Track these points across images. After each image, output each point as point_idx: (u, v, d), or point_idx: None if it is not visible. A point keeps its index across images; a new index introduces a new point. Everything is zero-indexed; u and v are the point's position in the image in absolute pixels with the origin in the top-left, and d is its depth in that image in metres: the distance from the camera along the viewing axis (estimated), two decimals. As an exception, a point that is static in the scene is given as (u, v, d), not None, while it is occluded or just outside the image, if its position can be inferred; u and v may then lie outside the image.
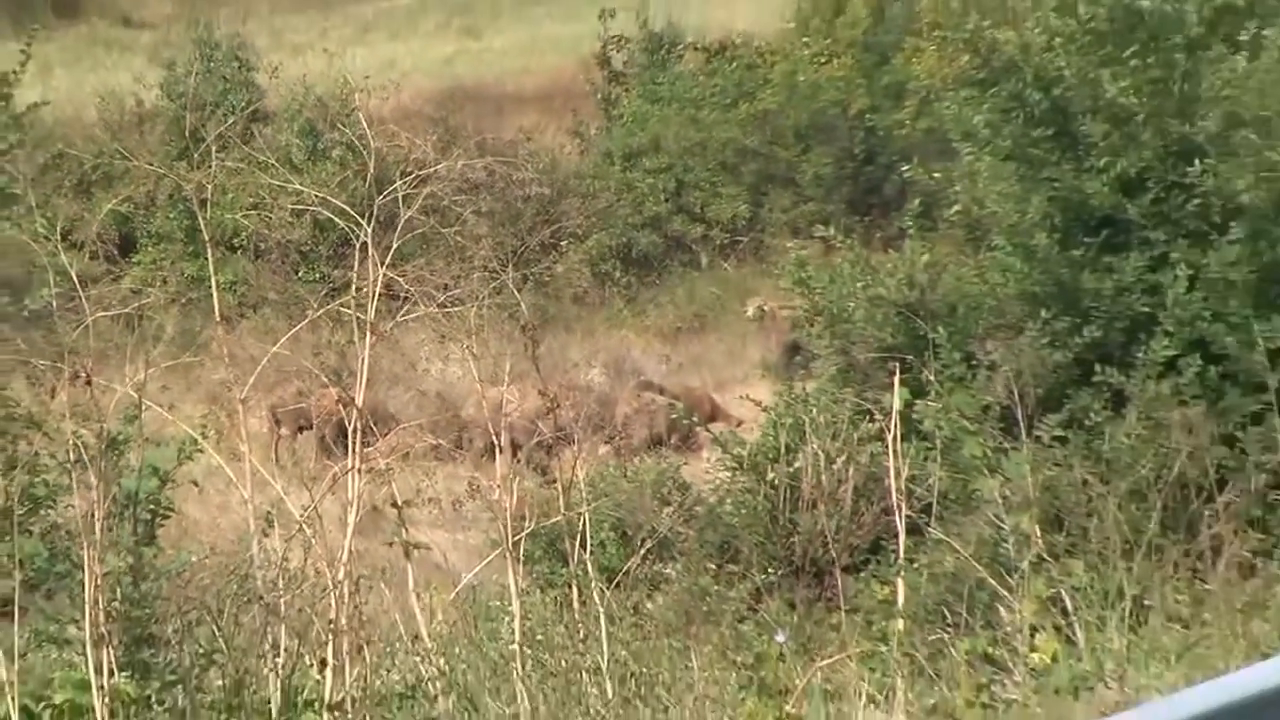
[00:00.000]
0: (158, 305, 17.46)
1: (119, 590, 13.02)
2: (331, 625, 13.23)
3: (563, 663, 13.92)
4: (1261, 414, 22.43)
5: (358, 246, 14.05)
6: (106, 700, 12.47)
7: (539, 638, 14.18)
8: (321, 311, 14.77)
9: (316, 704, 12.99)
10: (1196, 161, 25.61)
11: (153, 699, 12.82)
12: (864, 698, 15.08)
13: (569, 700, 13.70)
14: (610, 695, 13.68)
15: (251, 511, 14.19)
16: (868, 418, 22.90)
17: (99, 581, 12.79)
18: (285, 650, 13.11)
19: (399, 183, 14.48)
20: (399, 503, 14.22)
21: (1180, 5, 26.27)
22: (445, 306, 16.10)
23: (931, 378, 24.17)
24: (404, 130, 19.67)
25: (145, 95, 42.99)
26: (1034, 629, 16.13)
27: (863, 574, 20.12)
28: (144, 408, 14.48)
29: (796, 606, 20.33)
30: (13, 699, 12.56)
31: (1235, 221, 25.37)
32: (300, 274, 34.97)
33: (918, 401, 22.92)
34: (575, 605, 14.30)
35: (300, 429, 33.80)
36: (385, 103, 32.73)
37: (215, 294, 15.40)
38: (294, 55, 43.93)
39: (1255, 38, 26.12)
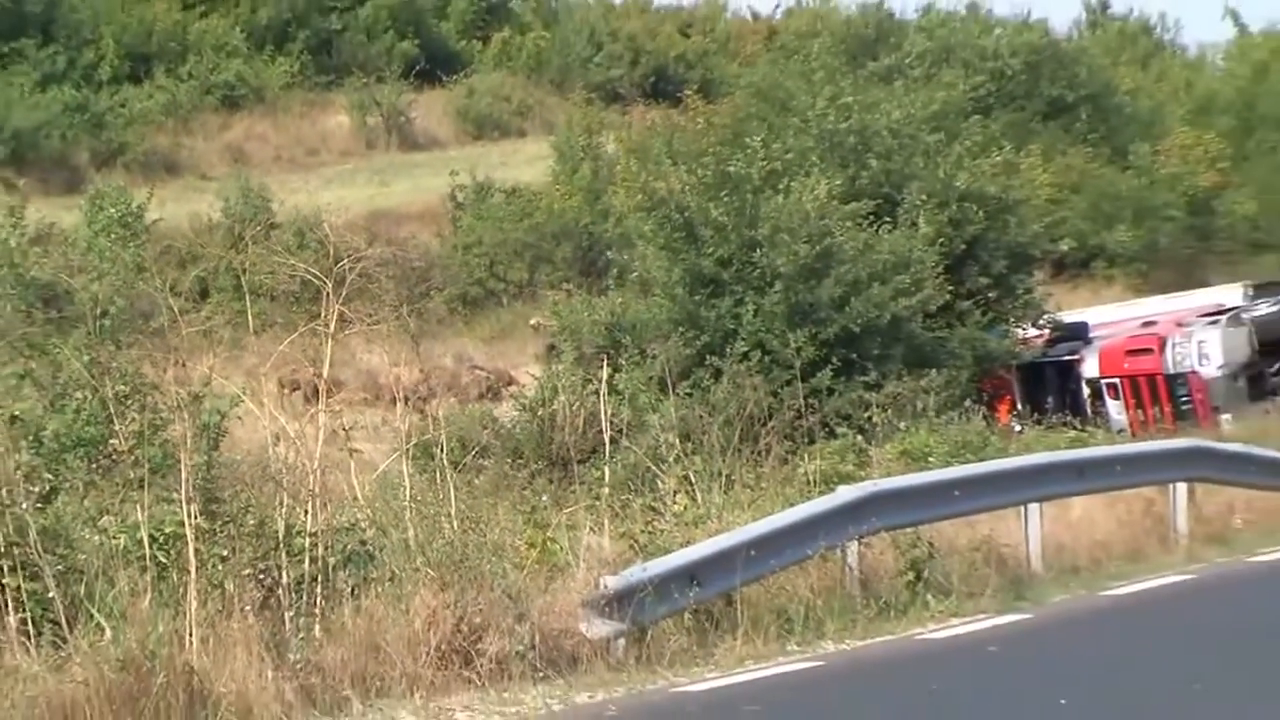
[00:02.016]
0: (219, 325, 17.22)
1: (199, 474, 12.88)
2: (311, 492, 13.12)
3: (431, 511, 13.83)
4: (790, 380, 22.54)
5: (325, 294, 13.92)
6: (192, 531, 12.36)
7: (419, 499, 14.06)
8: (306, 328, 14.62)
9: (302, 533, 12.88)
10: (758, 250, 25.75)
11: (216, 531, 12.68)
12: (587, 529, 15.03)
13: (434, 530, 13.60)
14: (455, 528, 13.61)
15: (268, 433, 14.08)
16: (590, 384, 22.83)
17: (189, 470, 12.66)
18: (286, 505, 12.99)
19: (345, 260, 14.33)
20: (346, 428, 14.11)
21: (749, 169, 26.37)
22: (370, 325, 15.98)
23: (623, 362, 24.22)
24: (348, 233, 19.59)
25: (213, 215, 42.39)
26: (676, 493, 16.15)
27: (587, 464, 20.04)
28: (212, 379, 14.34)
29: (553, 482, 20.20)
30: (144, 530, 12.43)
31: (777, 281, 25.52)
32: (294, 308, 34.50)
33: (616, 375, 22.95)
34: (438, 481, 14.21)
35: (295, 389, 33.41)
36: (339, 219, 32.42)
37: (250, 319, 15.34)
38: (291, 194, 43.37)
39: (787, 186, 26.28)
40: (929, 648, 14.45)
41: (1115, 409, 29.11)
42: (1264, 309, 30.00)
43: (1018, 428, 26.42)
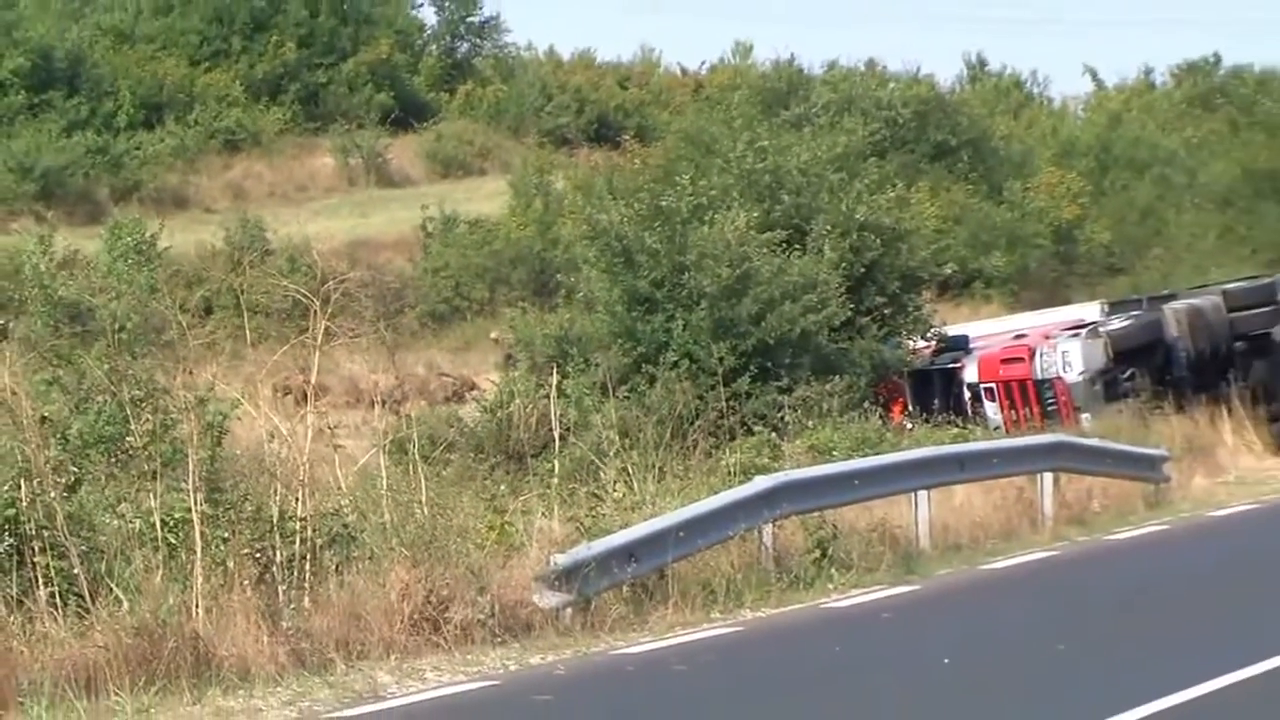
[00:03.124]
0: (221, 338, 17.10)
1: (204, 467, 12.82)
2: (300, 482, 13.09)
3: (404, 498, 13.78)
4: (714, 385, 22.51)
5: (313, 311, 13.87)
6: (198, 516, 12.31)
7: (394, 488, 14.01)
8: (296, 341, 14.55)
9: (293, 518, 12.84)
10: (687, 273, 25.68)
11: (219, 516, 12.62)
12: (539, 513, 15.03)
13: (407, 515, 13.57)
14: (426, 513, 13.58)
15: (264, 432, 14.02)
16: (542, 389, 22.63)
17: (195, 463, 12.60)
18: (279, 493, 12.95)
19: (330, 282, 14.28)
20: (331, 428, 14.07)
21: (678, 203, 26.31)
22: (352, 338, 15.93)
23: (571, 370, 24.10)
24: (333, 259, 19.54)
25: (216, 243, 42.16)
26: (615, 482, 16.10)
27: (539, 458, 19.94)
28: (215, 385, 14.26)
29: (510, 473, 20.09)
30: (156, 515, 12.37)
31: (703, 300, 25.46)
32: (287, 324, 34.25)
33: (564, 381, 22.81)
34: (411, 472, 14.17)
35: (287, 394, 33.14)
36: (324, 247, 32.33)
37: (247, 333, 15.17)
38: (283, 225, 43.08)
39: (712, 218, 26.26)
40: (833, 615, 14.54)
41: (992, 410, 29.24)
42: (1117, 323, 30.19)
43: (909, 426, 26.48)
